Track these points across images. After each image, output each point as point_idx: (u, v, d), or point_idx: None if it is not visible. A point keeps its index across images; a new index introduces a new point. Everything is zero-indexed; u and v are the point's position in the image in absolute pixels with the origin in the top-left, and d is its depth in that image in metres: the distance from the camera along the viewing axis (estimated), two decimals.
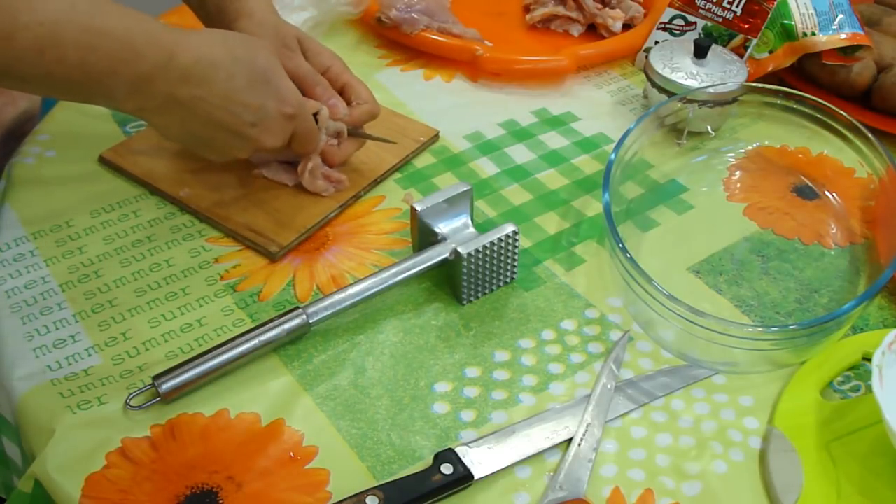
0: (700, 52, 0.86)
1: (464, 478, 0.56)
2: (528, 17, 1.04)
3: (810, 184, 0.82)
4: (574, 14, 1.03)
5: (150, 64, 0.60)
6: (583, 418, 0.61)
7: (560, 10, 1.03)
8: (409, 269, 0.68)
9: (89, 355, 0.64)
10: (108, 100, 0.63)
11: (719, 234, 0.77)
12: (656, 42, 0.96)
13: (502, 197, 0.80)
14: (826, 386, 0.64)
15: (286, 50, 0.75)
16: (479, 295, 0.70)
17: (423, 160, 0.84)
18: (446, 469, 0.56)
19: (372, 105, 0.78)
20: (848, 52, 0.89)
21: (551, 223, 0.77)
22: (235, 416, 0.61)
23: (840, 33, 0.88)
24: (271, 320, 0.64)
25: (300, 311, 0.64)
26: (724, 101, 0.83)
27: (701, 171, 0.84)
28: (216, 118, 0.65)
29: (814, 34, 0.89)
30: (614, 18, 1.01)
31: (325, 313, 0.65)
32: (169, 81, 0.61)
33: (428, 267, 0.68)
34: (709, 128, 0.87)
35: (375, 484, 0.56)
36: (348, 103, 0.77)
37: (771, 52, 0.91)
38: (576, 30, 1.03)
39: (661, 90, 0.86)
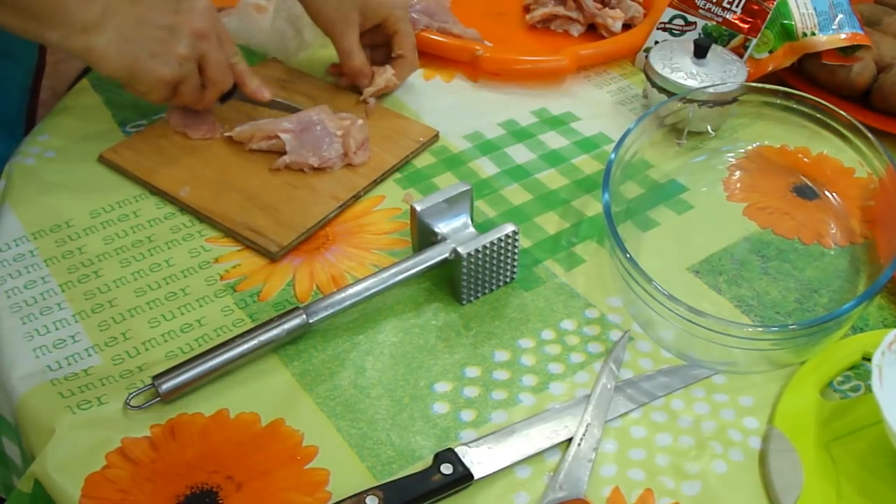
0: (700, 52, 0.86)
1: (464, 478, 0.56)
2: (528, 17, 1.05)
3: (810, 184, 0.82)
4: (574, 14, 1.03)
5: None
6: (583, 418, 0.61)
7: (560, 10, 1.03)
8: (409, 269, 0.68)
9: (89, 355, 0.64)
10: (61, 18, 0.69)
11: (719, 234, 0.77)
12: (656, 42, 0.96)
13: (502, 197, 0.80)
14: (826, 386, 0.64)
15: None
16: (479, 295, 0.70)
17: (423, 160, 0.84)
18: (446, 469, 0.56)
19: (410, 56, 0.87)
20: (848, 52, 0.89)
21: (551, 223, 0.77)
22: (235, 415, 0.61)
23: (840, 33, 0.88)
24: (271, 320, 0.64)
25: (300, 311, 0.64)
26: (724, 101, 0.83)
27: (701, 171, 0.84)
28: (144, 18, 0.72)
29: (814, 34, 0.89)
30: (614, 18, 1.01)
31: (325, 313, 0.65)
32: None
33: (428, 267, 0.68)
34: (709, 128, 0.87)
35: (375, 484, 0.56)
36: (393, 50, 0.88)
37: (771, 52, 0.91)
38: (576, 30, 1.03)
39: (661, 90, 0.86)
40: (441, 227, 0.69)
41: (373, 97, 0.87)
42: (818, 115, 0.79)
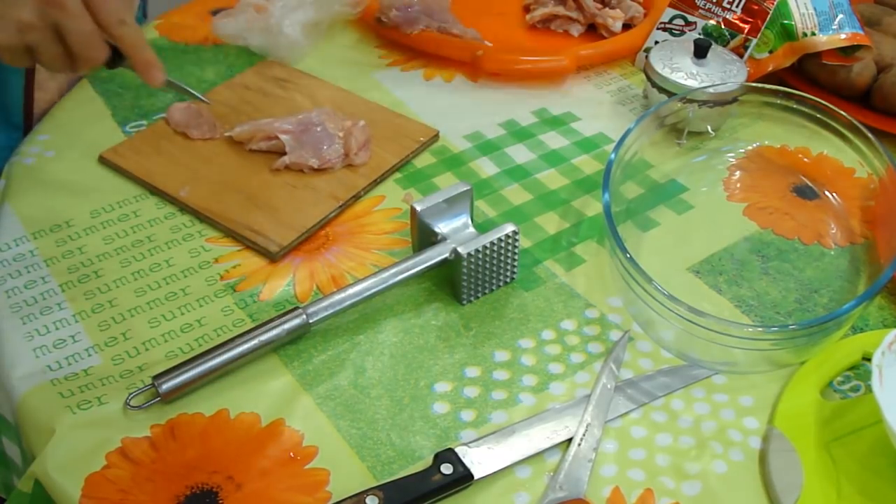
0: (700, 52, 0.86)
1: (464, 478, 0.56)
2: (528, 16, 1.04)
3: (810, 184, 0.82)
4: (574, 14, 1.03)
5: None
6: (583, 418, 0.61)
7: (560, 10, 1.03)
8: (409, 269, 0.68)
9: (89, 355, 0.64)
10: None
11: (719, 234, 0.77)
12: (656, 42, 0.96)
13: (502, 197, 0.80)
14: (826, 386, 0.64)
15: None
16: (479, 295, 0.70)
17: (423, 160, 0.84)
18: (446, 469, 0.56)
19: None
20: (848, 52, 0.89)
21: (551, 223, 0.77)
22: (235, 416, 0.61)
23: (840, 33, 0.88)
24: (271, 320, 0.64)
25: (300, 311, 0.64)
26: (724, 101, 0.83)
27: (701, 171, 0.84)
28: None
29: (814, 34, 0.89)
30: (614, 18, 1.01)
31: (325, 313, 0.65)
32: None
33: (428, 267, 0.68)
34: (709, 128, 0.87)
35: (375, 484, 0.56)
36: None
37: (771, 52, 0.91)
38: (576, 30, 1.03)
39: (661, 90, 0.86)
40: (441, 227, 0.69)
41: None
42: (818, 115, 0.79)
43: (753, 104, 0.83)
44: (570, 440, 0.60)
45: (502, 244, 0.68)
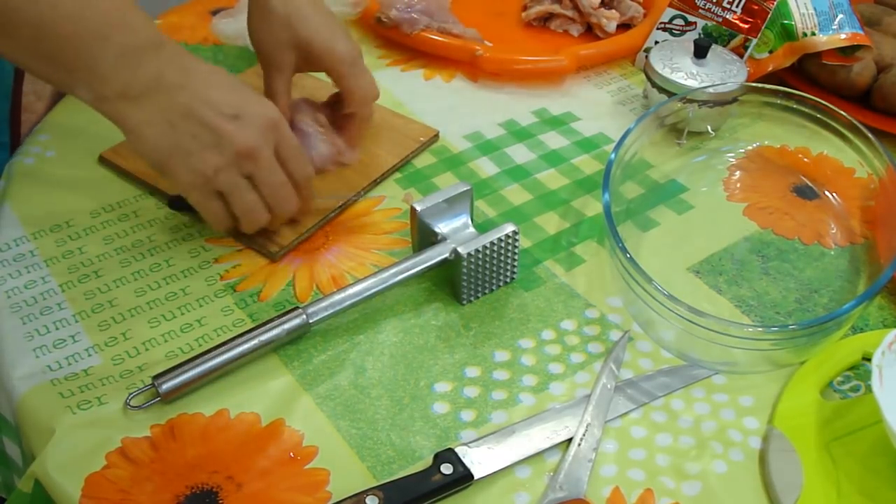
0: (700, 52, 0.86)
1: (464, 478, 0.56)
2: (523, 14, 1.04)
3: (810, 184, 0.82)
4: (570, 13, 1.03)
5: (144, 39, 0.60)
6: (583, 418, 0.61)
7: (556, 8, 1.03)
8: (409, 269, 0.68)
9: (89, 355, 0.64)
10: (91, 73, 0.59)
11: (719, 234, 0.77)
12: (656, 42, 0.96)
13: (502, 197, 0.80)
14: (826, 386, 0.64)
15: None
16: (479, 295, 0.70)
17: (423, 160, 0.84)
18: (446, 469, 0.56)
19: (361, 112, 0.79)
20: (848, 52, 0.89)
21: (551, 223, 0.77)
22: (235, 416, 0.61)
23: (840, 33, 0.88)
24: (271, 320, 0.64)
25: (300, 311, 0.64)
26: (724, 101, 0.83)
27: (701, 171, 0.84)
28: (195, 110, 0.61)
29: (814, 34, 0.89)
30: (609, 18, 1.01)
31: (325, 313, 0.65)
32: (160, 60, 0.60)
33: (428, 267, 0.68)
34: (709, 128, 0.87)
35: (375, 484, 0.56)
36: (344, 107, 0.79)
37: (771, 52, 0.91)
38: (575, 30, 1.03)
39: (661, 90, 0.86)
40: (441, 227, 0.69)
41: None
42: (818, 115, 0.79)
43: (753, 104, 0.83)
44: (570, 440, 0.60)
45: (502, 244, 0.68)
